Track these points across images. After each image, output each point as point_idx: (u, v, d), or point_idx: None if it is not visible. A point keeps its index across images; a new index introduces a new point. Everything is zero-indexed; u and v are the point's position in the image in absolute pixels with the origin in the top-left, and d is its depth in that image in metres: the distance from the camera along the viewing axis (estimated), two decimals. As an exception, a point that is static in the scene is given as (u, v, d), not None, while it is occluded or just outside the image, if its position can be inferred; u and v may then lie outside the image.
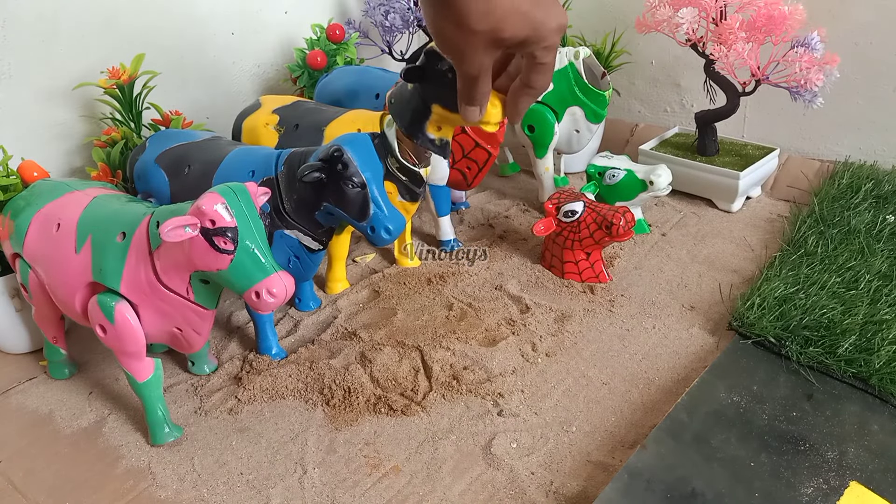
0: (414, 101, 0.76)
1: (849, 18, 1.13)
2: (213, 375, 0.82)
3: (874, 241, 0.96)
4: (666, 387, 0.77)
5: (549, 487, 0.65)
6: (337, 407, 0.76)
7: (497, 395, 0.77)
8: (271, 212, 0.77)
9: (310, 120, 0.93)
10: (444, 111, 0.76)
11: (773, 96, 1.12)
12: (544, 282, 0.98)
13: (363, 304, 0.95)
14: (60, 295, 0.71)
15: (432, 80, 0.74)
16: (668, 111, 1.41)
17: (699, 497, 0.61)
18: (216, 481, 0.68)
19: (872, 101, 1.17)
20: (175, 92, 1.12)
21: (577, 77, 1.07)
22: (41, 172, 0.83)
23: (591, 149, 1.30)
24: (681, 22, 1.05)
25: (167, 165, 0.84)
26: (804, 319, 0.80)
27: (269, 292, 0.61)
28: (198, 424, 0.75)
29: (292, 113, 0.96)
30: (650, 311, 0.91)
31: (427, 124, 0.78)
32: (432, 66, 0.72)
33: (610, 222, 0.90)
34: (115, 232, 0.67)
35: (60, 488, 0.68)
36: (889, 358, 0.74)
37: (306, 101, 0.99)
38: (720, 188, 1.14)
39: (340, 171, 0.72)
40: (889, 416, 0.70)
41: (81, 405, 0.80)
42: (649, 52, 1.36)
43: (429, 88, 0.75)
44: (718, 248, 1.05)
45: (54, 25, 0.98)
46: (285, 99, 1.00)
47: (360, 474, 0.68)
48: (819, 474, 0.63)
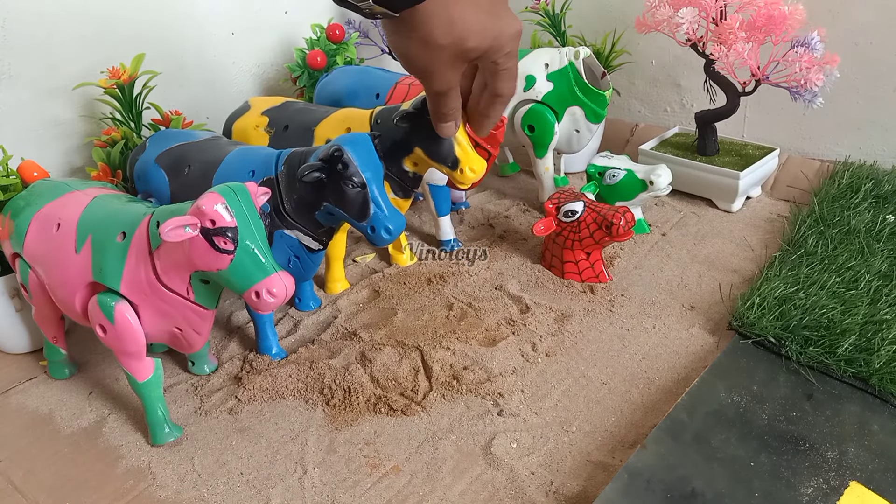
0: (400, 135, 0.83)
1: (849, 18, 1.13)
2: (213, 375, 0.82)
3: (874, 241, 0.96)
4: (666, 387, 0.77)
5: (549, 487, 0.65)
6: (337, 407, 0.76)
7: (497, 394, 0.77)
8: (271, 212, 0.77)
9: (299, 120, 0.93)
10: (424, 156, 0.83)
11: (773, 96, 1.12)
12: (544, 282, 0.98)
13: (363, 304, 0.95)
14: (60, 295, 0.71)
15: (422, 127, 0.80)
16: (668, 111, 1.41)
17: (699, 497, 0.61)
18: (216, 481, 0.68)
19: (872, 101, 1.17)
20: (175, 92, 1.12)
21: (577, 77, 1.07)
22: (41, 172, 0.83)
23: (591, 149, 1.30)
24: (681, 22, 1.05)
25: (167, 165, 0.84)
26: (804, 319, 0.80)
27: (269, 292, 0.61)
28: (198, 424, 0.75)
29: (282, 114, 0.96)
30: (650, 311, 0.91)
31: (405, 159, 0.85)
32: (423, 114, 0.79)
33: (610, 222, 0.90)
34: (115, 232, 0.67)
35: (60, 488, 0.68)
36: (889, 358, 0.74)
37: (295, 102, 0.99)
38: (720, 188, 1.14)
39: (340, 170, 0.72)
40: (889, 416, 0.70)
41: (81, 405, 0.80)
42: (649, 52, 1.36)
43: (417, 132, 0.82)
44: (718, 247, 1.05)
45: (54, 25, 0.98)
46: (274, 100, 0.99)
47: (360, 474, 0.68)
48: (819, 474, 0.63)
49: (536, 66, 1.09)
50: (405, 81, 1.02)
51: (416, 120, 0.80)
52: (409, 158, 0.85)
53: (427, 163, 0.84)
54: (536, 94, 1.09)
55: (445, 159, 0.82)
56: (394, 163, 0.85)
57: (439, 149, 0.82)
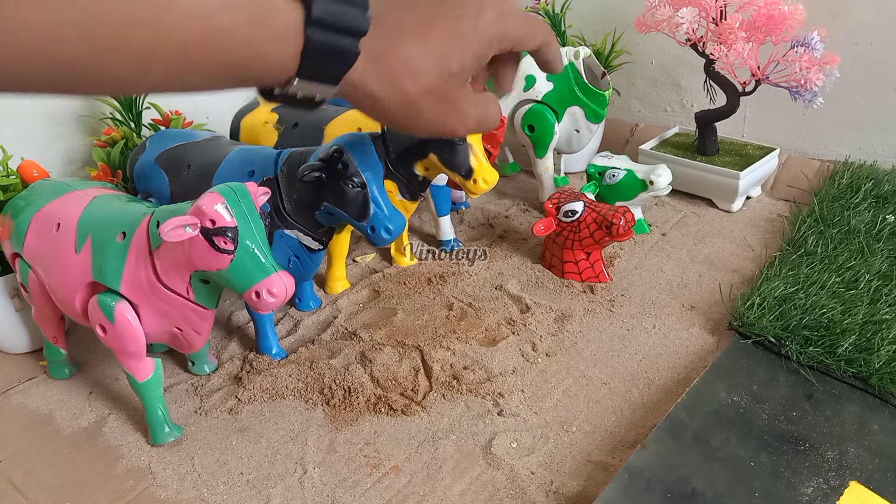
0: (415, 139, 0.82)
1: (849, 18, 1.13)
2: (213, 375, 0.82)
3: (874, 241, 0.96)
4: (666, 387, 0.77)
5: (549, 487, 0.65)
6: (337, 407, 0.76)
7: (497, 394, 0.77)
8: (271, 212, 0.77)
9: (309, 118, 0.93)
10: (439, 163, 0.82)
11: (773, 96, 1.12)
12: (544, 282, 0.98)
13: (363, 304, 0.95)
14: (60, 295, 0.71)
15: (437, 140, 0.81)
16: (668, 111, 1.41)
17: (699, 497, 0.61)
18: (216, 481, 0.68)
19: (872, 101, 1.17)
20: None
21: (577, 77, 1.07)
22: (41, 172, 0.83)
23: (591, 149, 1.30)
24: (681, 22, 1.05)
25: (167, 165, 0.84)
26: (804, 319, 0.80)
27: (270, 292, 0.61)
28: (198, 424, 0.75)
29: (291, 111, 0.95)
30: (650, 311, 0.91)
31: (418, 163, 0.84)
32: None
33: (610, 222, 0.90)
34: (115, 232, 0.67)
35: (60, 488, 0.68)
36: (889, 358, 0.74)
37: None
38: (720, 188, 1.14)
39: (340, 170, 0.72)
40: (889, 416, 0.70)
41: (81, 405, 0.80)
42: (649, 52, 1.36)
43: (434, 140, 0.81)
44: (718, 247, 1.05)
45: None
46: None
47: (360, 474, 0.68)
48: (819, 474, 0.63)
49: (536, 66, 1.09)
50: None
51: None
52: (422, 163, 0.83)
53: (440, 169, 0.83)
54: (536, 93, 1.09)
55: (460, 168, 0.82)
56: (405, 166, 0.84)
57: (455, 157, 0.81)
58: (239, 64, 0.31)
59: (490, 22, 0.38)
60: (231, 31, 0.30)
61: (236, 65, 0.31)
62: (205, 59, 0.30)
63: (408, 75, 0.36)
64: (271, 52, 0.32)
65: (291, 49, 0.32)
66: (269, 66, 0.32)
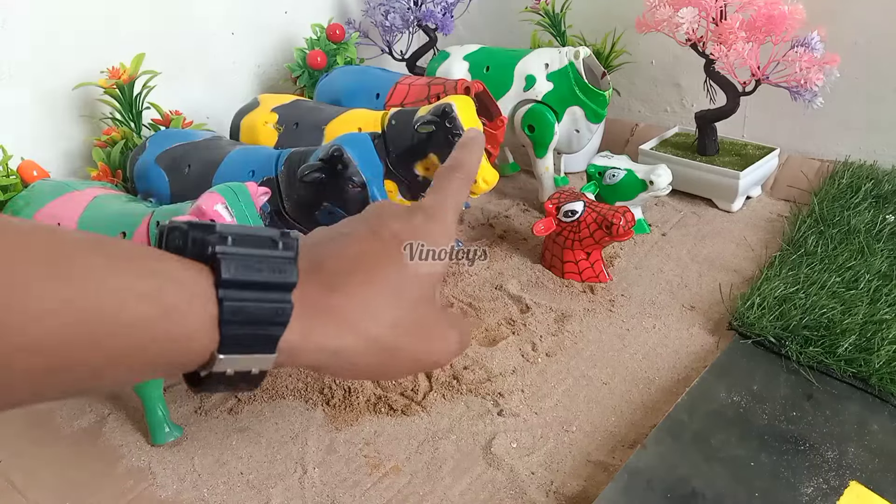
0: (416, 139, 0.82)
1: (849, 18, 1.13)
2: (213, 375, 0.82)
3: (874, 241, 0.96)
4: (666, 386, 0.77)
5: (549, 487, 0.65)
6: (337, 407, 0.76)
7: (497, 394, 0.77)
8: (271, 212, 0.77)
9: (310, 119, 0.93)
10: (438, 162, 0.83)
11: (773, 96, 1.12)
12: (544, 282, 0.98)
13: (363, 304, 0.95)
14: (60, 295, 0.71)
15: (440, 137, 0.81)
16: (668, 111, 1.41)
17: (699, 497, 0.61)
18: (216, 481, 0.68)
19: (872, 101, 1.16)
20: (175, 92, 1.12)
21: (577, 77, 1.07)
22: (41, 172, 0.83)
23: (591, 149, 1.30)
24: (681, 22, 1.05)
25: (167, 165, 0.84)
26: (804, 319, 0.80)
27: (269, 292, 0.61)
28: (198, 424, 0.75)
29: (292, 111, 0.95)
30: (650, 311, 0.91)
31: (418, 164, 0.85)
32: (443, 125, 0.80)
33: (610, 222, 0.90)
34: (115, 231, 0.67)
35: (60, 488, 0.68)
36: (889, 358, 0.74)
37: (306, 100, 0.99)
38: (720, 188, 1.14)
39: (340, 170, 0.72)
40: (889, 416, 0.70)
41: (81, 405, 0.80)
42: (649, 52, 1.36)
43: (435, 139, 0.82)
44: (718, 247, 1.05)
45: (54, 25, 0.98)
46: (284, 97, 0.99)
47: (360, 474, 0.68)
48: (819, 474, 0.63)
49: (536, 66, 1.09)
50: (405, 81, 1.02)
51: (436, 128, 0.81)
52: (422, 163, 0.84)
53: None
54: (536, 93, 1.09)
55: None
56: (405, 166, 0.84)
57: None
58: (132, 365, 0.25)
59: (426, 227, 0.34)
60: (125, 326, 0.24)
61: (130, 366, 0.25)
62: (90, 360, 0.24)
63: (367, 317, 0.30)
64: (176, 331, 0.25)
65: (205, 320, 0.26)
66: (180, 347, 0.26)
